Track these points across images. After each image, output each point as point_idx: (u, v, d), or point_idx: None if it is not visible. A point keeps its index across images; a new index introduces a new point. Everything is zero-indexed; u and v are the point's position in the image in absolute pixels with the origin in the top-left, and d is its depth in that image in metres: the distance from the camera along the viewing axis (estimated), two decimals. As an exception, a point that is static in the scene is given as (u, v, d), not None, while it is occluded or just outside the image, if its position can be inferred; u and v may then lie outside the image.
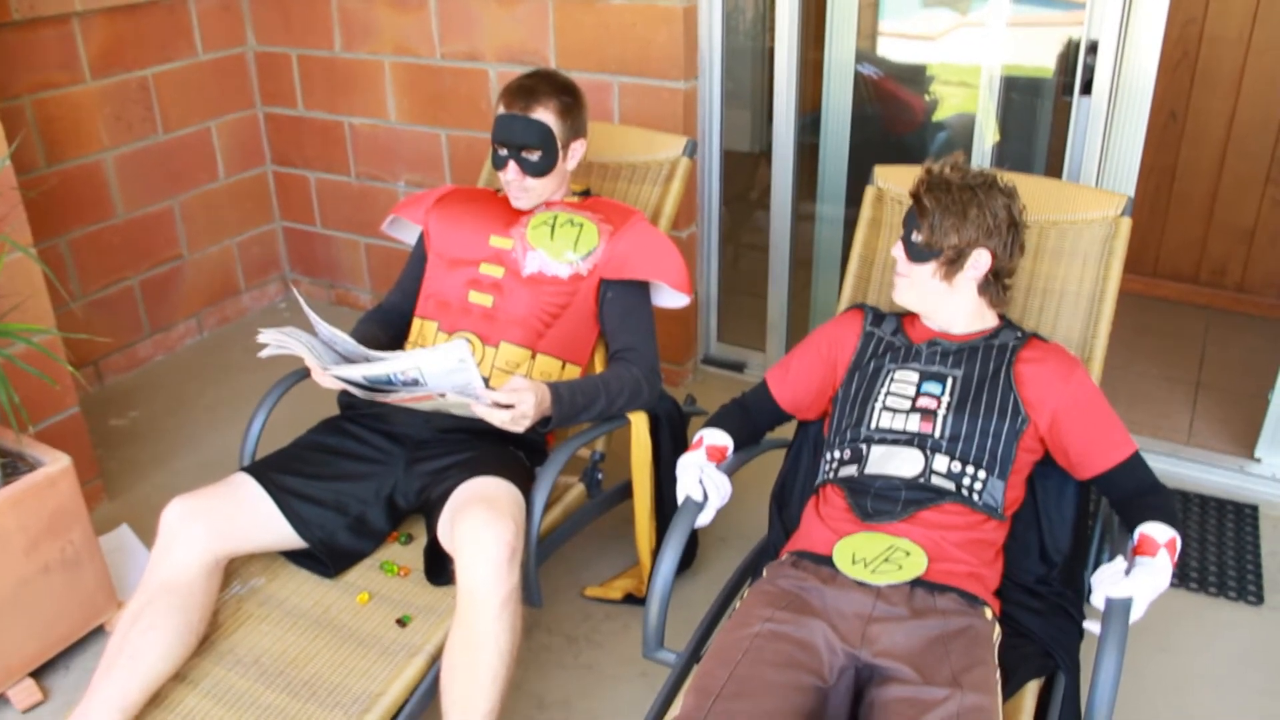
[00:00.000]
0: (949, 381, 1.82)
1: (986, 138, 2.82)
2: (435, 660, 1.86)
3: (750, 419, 2.03)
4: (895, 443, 1.78)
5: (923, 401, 1.81)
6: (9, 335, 2.14)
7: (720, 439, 1.95)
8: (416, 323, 2.23)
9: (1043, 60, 2.85)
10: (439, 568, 1.99)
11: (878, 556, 1.65)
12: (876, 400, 1.85)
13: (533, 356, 2.14)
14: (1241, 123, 3.53)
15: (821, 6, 2.95)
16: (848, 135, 3.03)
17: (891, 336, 1.93)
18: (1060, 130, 2.69)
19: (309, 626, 1.94)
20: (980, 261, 1.82)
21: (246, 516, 1.94)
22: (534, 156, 2.12)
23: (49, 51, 3.04)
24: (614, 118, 3.03)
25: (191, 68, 3.48)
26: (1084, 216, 2.02)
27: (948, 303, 1.86)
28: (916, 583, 1.63)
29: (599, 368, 2.29)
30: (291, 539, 1.98)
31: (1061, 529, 1.85)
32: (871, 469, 1.77)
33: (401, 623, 1.93)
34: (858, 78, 3.02)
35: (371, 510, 2.05)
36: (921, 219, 1.82)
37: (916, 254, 1.83)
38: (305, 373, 2.26)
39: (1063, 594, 1.77)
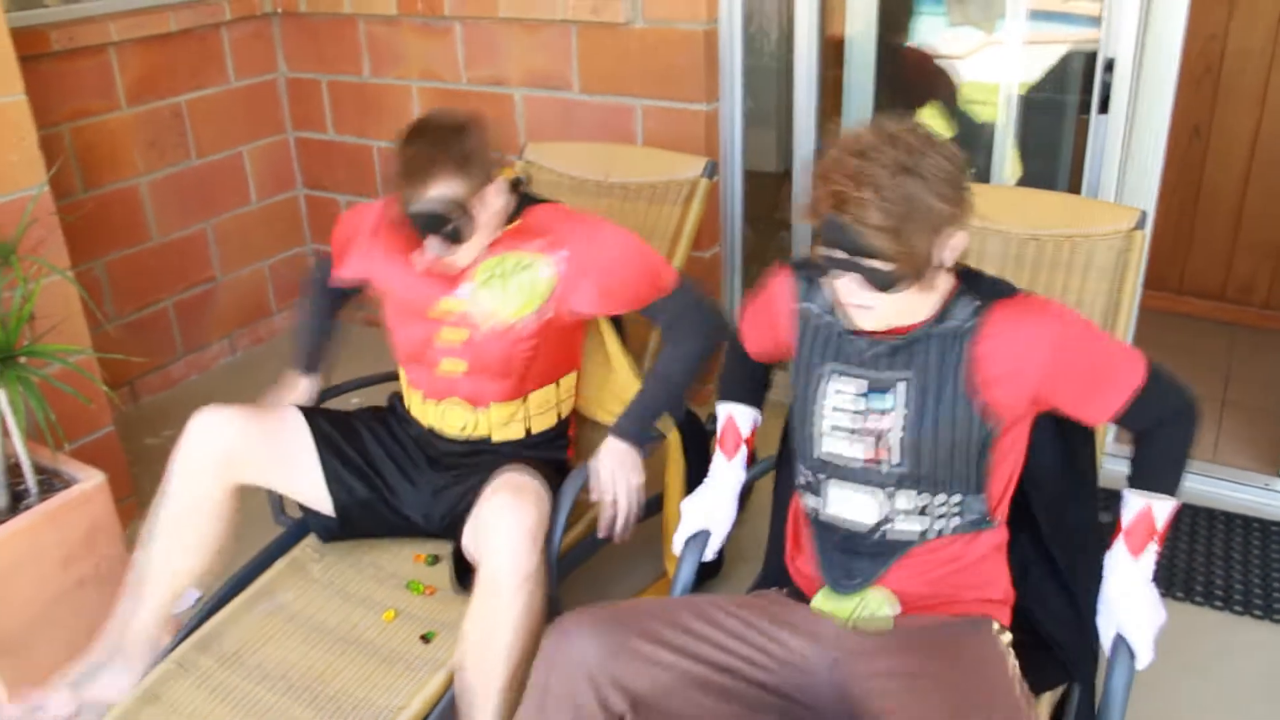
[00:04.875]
0: (898, 390, 1.54)
1: (1006, 154, 2.84)
2: (457, 674, 1.90)
3: (748, 370, 1.91)
4: (849, 478, 1.59)
5: (871, 422, 1.56)
6: (46, 355, 2.20)
7: (745, 415, 1.89)
8: (402, 376, 2.20)
9: (1061, 77, 2.86)
10: (464, 572, 2.01)
11: (852, 612, 1.60)
12: (821, 417, 1.60)
13: (524, 400, 2.12)
14: (1267, 137, 3.52)
15: (841, 25, 2.98)
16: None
17: (829, 318, 1.61)
18: (1080, 147, 2.69)
19: (335, 642, 1.98)
20: (957, 243, 1.48)
21: (282, 453, 2.05)
22: (448, 228, 1.92)
23: (86, 80, 3.12)
24: (637, 140, 3.07)
25: (224, 94, 3.55)
26: (1098, 231, 2.03)
27: (921, 300, 1.52)
28: (900, 621, 1.57)
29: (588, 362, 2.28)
30: (313, 489, 2.09)
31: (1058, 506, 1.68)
32: (831, 509, 1.62)
33: (426, 639, 1.97)
34: (895, 51, 3.03)
35: (403, 502, 2.13)
36: (871, 235, 1.40)
37: (883, 281, 1.45)
38: (332, 392, 2.33)
39: (1073, 599, 1.67)
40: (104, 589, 2.24)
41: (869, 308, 1.49)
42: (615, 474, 1.98)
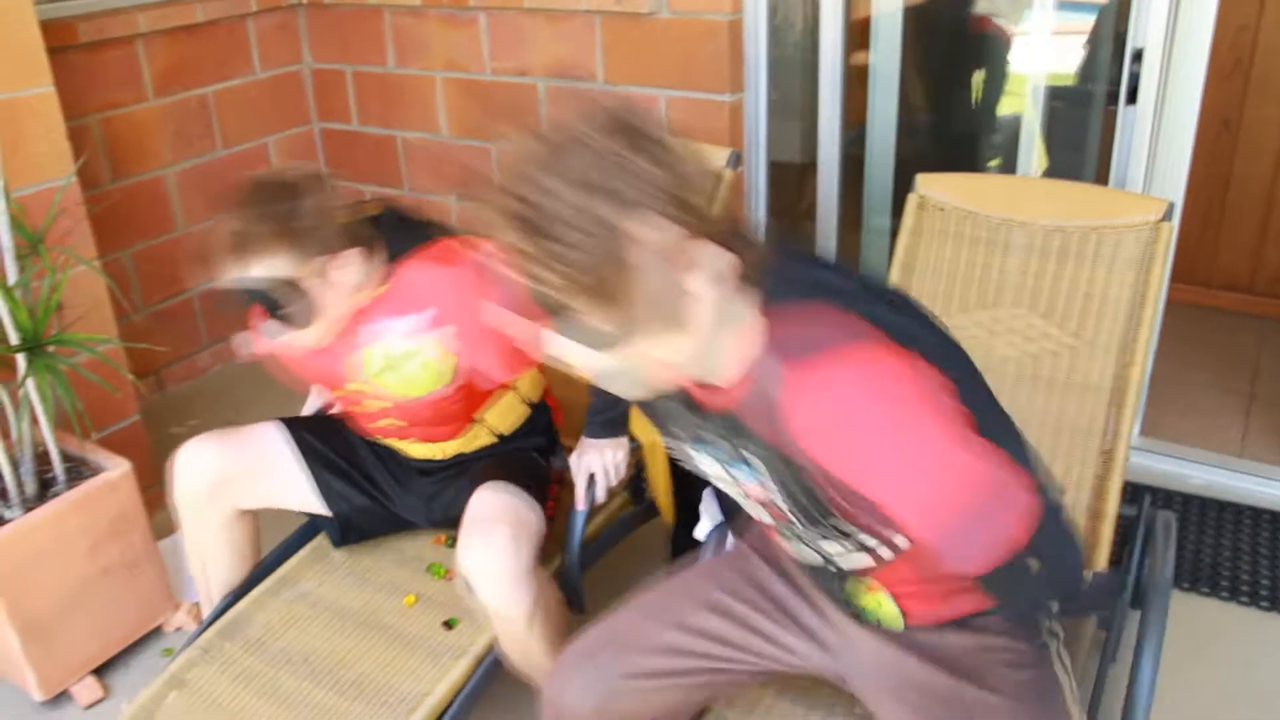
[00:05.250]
0: (751, 462, 1.23)
1: (1033, 146, 2.82)
2: (480, 662, 1.91)
3: None
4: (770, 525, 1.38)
5: (750, 491, 1.29)
6: (74, 345, 2.21)
7: None
8: None
9: (1089, 68, 2.84)
10: None
11: (851, 597, 1.44)
12: (709, 481, 1.38)
13: (480, 421, 2.04)
14: (1297, 130, 3.48)
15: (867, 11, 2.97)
16: (893, 146, 3.04)
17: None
18: (1108, 138, 2.67)
19: (357, 628, 1.99)
20: (711, 259, 1.10)
21: (268, 473, 2.03)
22: (287, 311, 1.68)
23: (114, 72, 3.15)
24: (661, 130, 3.06)
25: (250, 85, 3.57)
26: (1125, 222, 2.01)
27: (711, 349, 1.14)
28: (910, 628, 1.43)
29: None
30: (311, 501, 2.08)
31: None
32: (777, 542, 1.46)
33: (448, 625, 1.98)
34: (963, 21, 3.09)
35: (400, 506, 2.13)
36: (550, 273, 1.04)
37: (602, 341, 1.09)
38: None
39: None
40: (129, 576, 2.27)
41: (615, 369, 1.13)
42: (581, 460, 1.99)
